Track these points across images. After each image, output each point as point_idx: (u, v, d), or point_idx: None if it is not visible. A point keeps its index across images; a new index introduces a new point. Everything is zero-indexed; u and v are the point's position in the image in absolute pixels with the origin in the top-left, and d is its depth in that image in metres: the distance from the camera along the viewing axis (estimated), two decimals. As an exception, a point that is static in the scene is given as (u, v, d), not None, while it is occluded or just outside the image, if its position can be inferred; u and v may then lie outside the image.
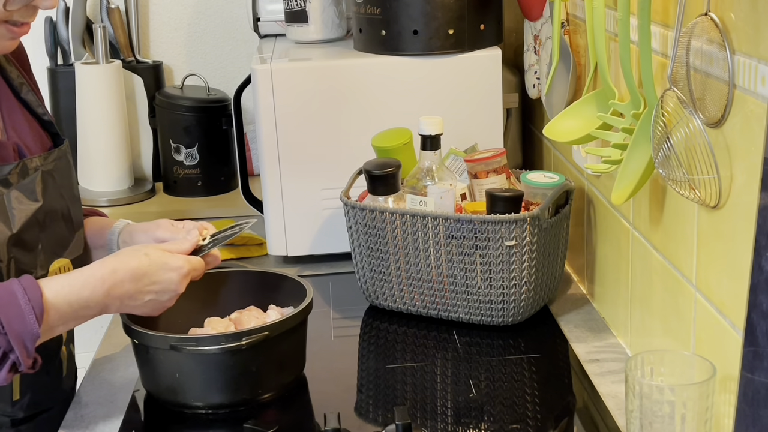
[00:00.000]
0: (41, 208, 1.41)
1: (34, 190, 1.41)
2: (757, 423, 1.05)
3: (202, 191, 2.46)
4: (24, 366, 1.28)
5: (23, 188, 1.40)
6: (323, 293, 1.88)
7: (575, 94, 1.72)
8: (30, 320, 1.27)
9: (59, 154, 1.47)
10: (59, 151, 1.48)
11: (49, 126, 1.51)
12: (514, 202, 1.63)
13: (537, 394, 1.50)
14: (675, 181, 1.23)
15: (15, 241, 1.37)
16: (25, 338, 1.27)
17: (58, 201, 1.46)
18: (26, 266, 1.39)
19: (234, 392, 1.46)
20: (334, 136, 1.95)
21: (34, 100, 1.50)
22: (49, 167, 1.44)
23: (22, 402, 1.47)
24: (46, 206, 1.42)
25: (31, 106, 1.50)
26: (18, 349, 1.26)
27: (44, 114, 1.51)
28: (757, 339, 1.04)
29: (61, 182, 1.47)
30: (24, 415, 1.48)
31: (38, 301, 1.28)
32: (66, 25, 2.48)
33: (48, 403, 1.52)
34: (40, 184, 1.42)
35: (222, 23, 2.61)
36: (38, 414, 1.51)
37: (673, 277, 1.38)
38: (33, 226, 1.40)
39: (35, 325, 1.27)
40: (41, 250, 1.42)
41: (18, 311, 1.27)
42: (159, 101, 2.46)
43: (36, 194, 1.41)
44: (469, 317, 1.70)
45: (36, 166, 1.42)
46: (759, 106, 1.07)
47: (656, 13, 1.33)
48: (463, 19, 1.91)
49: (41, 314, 1.28)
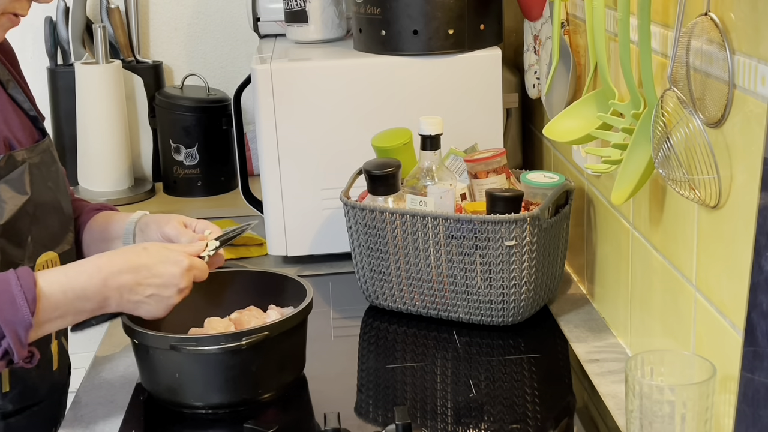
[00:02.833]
0: (30, 201, 1.41)
1: (23, 183, 1.41)
2: (757, 423, 1.05)
3: (202, 191, 2.47)
4: (18, 356, 1.27)
5: (11, 181, 1.40)
6: (323, 293, 1.88)
7: (575, 94, 1.72)
8: (22, 306, 1.26)
9: (43, 147, 1.47)
10: (43, 144, 1.48)
11: (35, 122, 1.51)
12: (514, 202, 1.63)
13: (537, 394, 1.50)
14: (675, 181, 1.23)
15: (2, 233, 1.37)
16: (17, 326, 1.26)
17: (47, 194, 1.46)
18: (14, 258, 1.39)
19: (234, 392, 1.46)
20: (334, 136, 1.95)
21: (21, 96, 1.50)
22: (35, 160, 1.44)
23: (12, 394, 1.47)
24: (35, 198, 1.42)
25: (17, 102, 1.50)
26: (10, 336, 1.25)
27: (30, 110, 1.51)
28: (757, 339, 1.04)
29: (48, 175, 1.47)
30: (14, 408, 1.48)
31: (31, 289, 1.27)
32: (66, 25, 2.48)
33: (38, 397, 1.51)
34: (28, 177, 1.42)
35: (222, 23, 2.61)
36: (28, 407, 1.50)
37: (673, 277, 1.38)
38: (23, 218, 1.40)
39: (27, 312, 1.26)
40: (31, 242, 1.42)
41: (9, 298, 1.26)
42: (159, 101, 2.46)
43: (24, 187, 1.41)
44: (469, 317, 1.70)
45: (23, 158, 1.42)
46: (759, 106, 1.07)
47: (656, 13, 1.33)
48: (463, 19, 1.91)
49: (33, 302, 1.27)
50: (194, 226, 1.54)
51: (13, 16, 1.41)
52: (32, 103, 1.53)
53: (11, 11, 1.40)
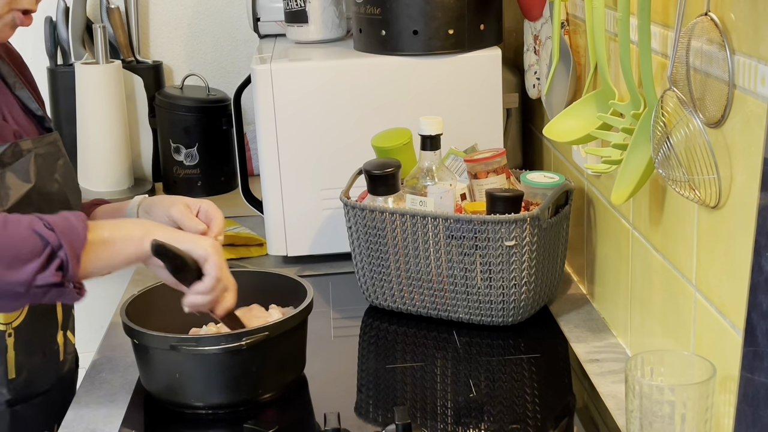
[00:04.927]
0: (33, 189, 1.43)
1: (27, 171, 1.43)
2: (757, 423, 1.05)
3: (202, 191, 2.46)
4: (72, 272, 1.27)
5: (16, 169, 1.42)
6: (323, 293, 1.88)
7: (575, 94, 1.72)
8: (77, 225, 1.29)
9: (50, 139, 1.49)
10: (50, 136, 1.50)
11: (41, 121, 1.53)
12: (514, 202, 1.63)
13: (537, 394, 1.50)
14: (675, 181, 1.23)
15: None
16: (74, 241, 1.28)
17: (52, 185, 1.47)
18: None
19: (234, 392, 1.46)
20: (334, 136, 1.95)
21: (27, 95, 1.52)
22: (41, 151, 1.46)
23: (17, 381, 1.48)
24: (39, 187, 1.44)
25: (24, 102, 1.52)
26: (67, 247, 1.26)
27: (37, 110, 1.53)
28: (757, 339, 1.04)
29: (54, 168, 1.48)
30: (20, 396, 1.50)
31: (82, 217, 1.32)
32: (66, 25, 2.48)
33: (44, 386, 1.53)
34: (33, 166, 1.44)
35: (222, 23, 2.61)
36: (34, 396, 1.52)
37: (673, 277, 1.38)
38: (25, 206, 1.41)
39: (82, 228, 1.29)
40: None
41: (64, 218, 1.30)
42: (159, 101, 2.46)
43: (29, 175, 1.43)
44: (469, 317, 1.70)
45: (29, 147, 1.44)
46: (759, 106, 1.07)
47: (656, 13, 1.33)
48: (463, 19, 1.91)
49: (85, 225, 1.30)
50: (197, 208, 1.57)
51: (22, 14, 1.42)
52: (41, 105, 1.55)
53: (17, 7, 1.41)
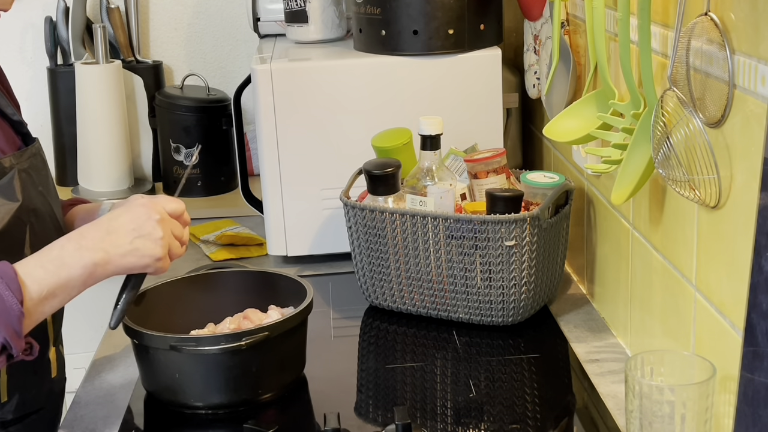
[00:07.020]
0: (22, 207, 1.38)
1: (12, 189, 1.38)
2: (757, 423, 1.05)
3: (202, 191, 2.46)
4: (16, 349, 1.25)
5: (1, 188, 1.37)
6: (323, 293, 1.88)
7: (575, 94, 1.72)
8: (8, 297, 1.23)
9: (33, 151, 1.45)
10: (33, 148, 1.45)
11: (19, 126, 1.48)
12: (514, 202, 1.63)
13: (537, 394, 1.50)
14: (675, 181, 1.23)
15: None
16: (9, 318, 1.23)
17: (39, 200, 1.43)
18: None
19: (234, 392, 1.46)
20: (334, 136, 1.95)
21: (3, 101, 1.47)
22: (24, 165, 1.41)
23: (10, 404, 1.44)
24: (27, 204, 1.39)
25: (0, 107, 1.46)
26: (4, 330, 1.23)
27: (13, 114, 1.47)
28: (757, 339, 1.04)
29: (39, 180, 1.44)
30: (13, 417, 1.46)
31: (12, 278, 1.25)
32: (66, 25, 2.48)
33: (37, 404, 1.50)
34: (18, 183, 1.39)
35: (222, 23, 2.61)
36: (27, 415, 1.48)
37: (673, 277, 1.38)
38: (18, 225, 1.37)
39: (14, 301, 1.24)
40: (29, 251, 1.38)
41: None
42: (159, 101, 2.46)
43: (15, 193, 1.38)
44: (469, 317, 1.70)
45: (11, 164, 1.39)
46: (759, 106, 1.07)
47: (656, 13, 1.33)
48: (463, 19, 1.91)
49: (18, 290, 1.24)
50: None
51: None
52: (16, 109, 1.50)
53: None
